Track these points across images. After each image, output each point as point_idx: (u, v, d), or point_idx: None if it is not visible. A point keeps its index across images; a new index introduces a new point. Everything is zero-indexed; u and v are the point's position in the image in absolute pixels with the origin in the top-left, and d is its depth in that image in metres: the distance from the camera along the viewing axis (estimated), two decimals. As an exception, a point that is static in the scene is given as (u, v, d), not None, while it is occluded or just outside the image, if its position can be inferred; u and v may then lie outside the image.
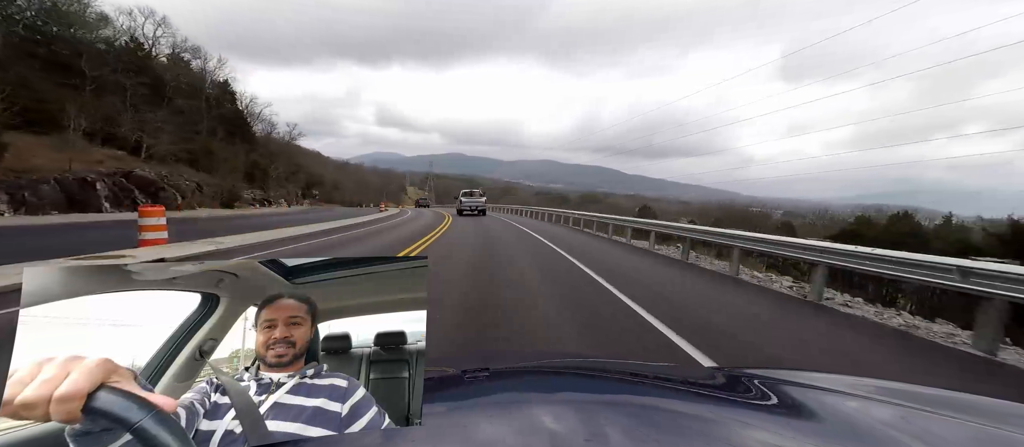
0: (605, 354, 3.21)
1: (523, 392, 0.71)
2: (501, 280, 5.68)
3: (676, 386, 0.79)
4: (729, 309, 4.88)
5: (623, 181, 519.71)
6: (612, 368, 0.97)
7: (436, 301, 4.31)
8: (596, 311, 4.30)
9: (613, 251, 10.23)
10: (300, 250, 8.62)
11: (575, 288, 5.43)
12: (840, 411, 0.61)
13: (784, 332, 4.09)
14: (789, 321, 4.52)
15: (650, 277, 6.76)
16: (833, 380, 0.77)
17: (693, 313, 4.51)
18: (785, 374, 0.83)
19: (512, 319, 3.85)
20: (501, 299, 4.59)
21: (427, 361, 0.55)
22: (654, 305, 4.63)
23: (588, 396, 0.68)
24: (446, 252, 8.48)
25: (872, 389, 0.72)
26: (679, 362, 2.98)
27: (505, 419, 0.55)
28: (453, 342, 3.19)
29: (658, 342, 3.45)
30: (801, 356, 3.43)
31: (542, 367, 0.97)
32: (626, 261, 8.53)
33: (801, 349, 3.60)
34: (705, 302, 5.22)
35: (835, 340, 3.95)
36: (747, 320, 4.42)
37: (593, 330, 3.68)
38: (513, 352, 2.49)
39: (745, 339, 3.68)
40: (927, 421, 0.60)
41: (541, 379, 0.84)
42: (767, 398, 0.68)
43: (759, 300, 5.58)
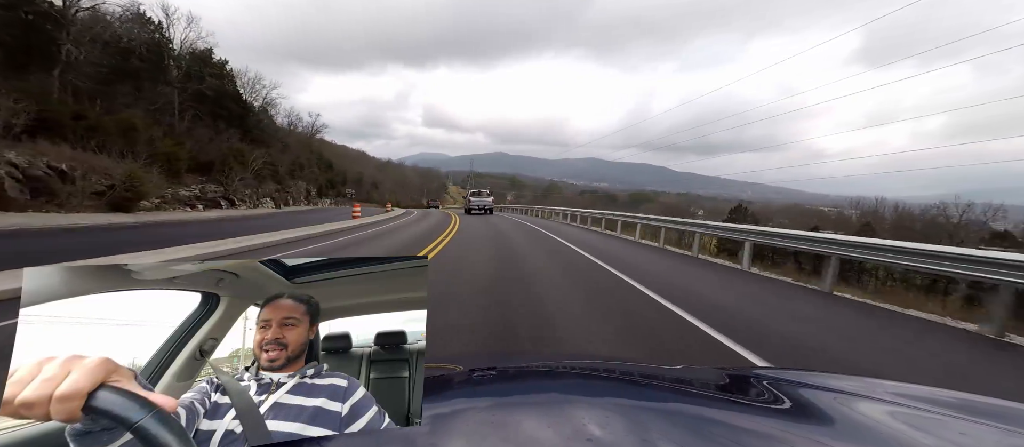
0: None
1: (528, 392, 0.71)
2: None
3: (684, 387, 0.78)
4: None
5: (672, 179, 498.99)
6: (620, 369, 0.95)
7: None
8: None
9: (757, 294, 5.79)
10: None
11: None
12: (853, 412, 0.60)
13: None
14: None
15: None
16: (849, 382, 0.76)
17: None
18: (804, 376, 0.83)
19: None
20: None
21: (437, 359, 0.56)
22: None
23: (592, 397, 0.68)
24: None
25: (926, 397, 0.70)
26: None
27: (509, 419, 0.55)
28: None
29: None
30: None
31: (550, 367, 0.95)
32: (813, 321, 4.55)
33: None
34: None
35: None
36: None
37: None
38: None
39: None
40: (955, 425, 0.59)
41: (546, 379, 0.83)
42: (779, 401, 0.67)
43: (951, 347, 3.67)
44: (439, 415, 0.52)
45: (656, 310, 4.43)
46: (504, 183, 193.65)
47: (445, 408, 0.56)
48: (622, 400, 0.67)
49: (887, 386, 0.73)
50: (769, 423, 0.59)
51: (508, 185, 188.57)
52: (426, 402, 0.52)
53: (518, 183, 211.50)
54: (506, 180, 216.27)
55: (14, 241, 8.22)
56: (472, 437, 0.49)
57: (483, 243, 10.12)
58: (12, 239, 8.46)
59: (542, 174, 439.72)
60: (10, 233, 9.28)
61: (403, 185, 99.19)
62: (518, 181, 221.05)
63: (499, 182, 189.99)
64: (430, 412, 0.52)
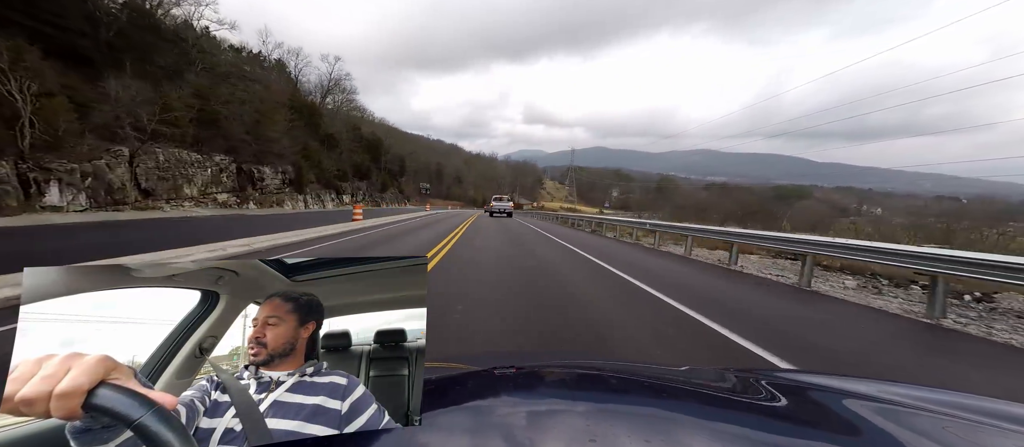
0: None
1: (529, 393, 0.70)
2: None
3: (688, 388, 0.77)
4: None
5: (813, 171, 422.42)
6: (622, 370, 0.94)
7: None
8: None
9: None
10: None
11: None
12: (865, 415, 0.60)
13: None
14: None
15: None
16: (863, 385, 0.75)
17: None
18: (817, 378, 0.82)
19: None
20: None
21: (437, 358, 0.56)
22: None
23: (593, 398, 0.67)
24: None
25: (942, 402, 0.68)
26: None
27: (509, 419, 0.55)
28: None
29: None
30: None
31: (552, 368, 0.93)
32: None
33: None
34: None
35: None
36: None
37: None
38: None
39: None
40: (981, 431, 0.58)
41: (548, 380, 0.82)
42: (786, 402, 0.67)
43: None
44: (438, 414, 0.53)
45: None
46: (607, 177, 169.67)
47: (444, 407, 0.56)
48: (624, 401, 0.68)
49: (899, 388, 0.73)
50: (773, 426, 0.59)
51: (612, 179, 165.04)
52: (425, 401, 0.52)
53: (624, 176, 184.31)
54: (610, 173, 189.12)
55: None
56: (472, 437, 0.49)
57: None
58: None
59: (647, 167, 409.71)
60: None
61: (491, 180, 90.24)
62: (623, 175, 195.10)
63: (602, 177, 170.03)
64: (429, 411, 0.52)
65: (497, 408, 0.59)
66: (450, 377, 0.77)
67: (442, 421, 0.52)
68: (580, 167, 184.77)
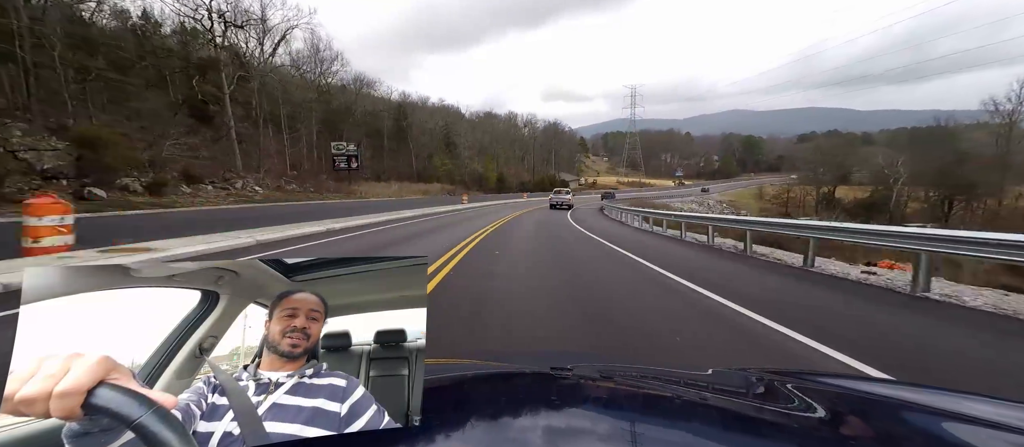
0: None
1: (530, 393, 0.69)
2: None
3: (689, 389, 0.76)
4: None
5: (855, 120, 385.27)
6: (624, 370, 0.93)
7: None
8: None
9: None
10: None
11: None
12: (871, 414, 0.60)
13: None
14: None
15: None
16: (871, 386, 0.75)
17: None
18: (827, 379, 0.82)
19: None
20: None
21: (437, 358, 0.56)
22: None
23: (594, 398, 0.67)
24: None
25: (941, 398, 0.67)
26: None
27: (509, 420, 0.55)
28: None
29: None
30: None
31: (553, 369, 0.89)
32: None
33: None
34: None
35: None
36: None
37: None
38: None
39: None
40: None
41: (549, 381, 0.81)
42: (794, 402, 0.66)
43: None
44: (438, 415, 0.52)
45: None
46: (650, 142, 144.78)
47: (445, 408, 0.55)
48: (625, 402, 0.67)
49: (912, 392, 0.72)
50: (774, 424, 0.59)
51: (648, 142, 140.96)
52: (426, 402, 0.51)
53: (678, 138, 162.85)
54: (645, 138, 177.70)
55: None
56: (472, 438, 0.49)
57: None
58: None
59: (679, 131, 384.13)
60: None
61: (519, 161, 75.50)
62: (676, 136, 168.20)
63: (656, 143, 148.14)
64: (430, 412, 0.51)
65: (497, 409, 0.59)
66: (449, 377, 0.76)
67: (441, 421, 0.51)
68: (619, 132, 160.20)
